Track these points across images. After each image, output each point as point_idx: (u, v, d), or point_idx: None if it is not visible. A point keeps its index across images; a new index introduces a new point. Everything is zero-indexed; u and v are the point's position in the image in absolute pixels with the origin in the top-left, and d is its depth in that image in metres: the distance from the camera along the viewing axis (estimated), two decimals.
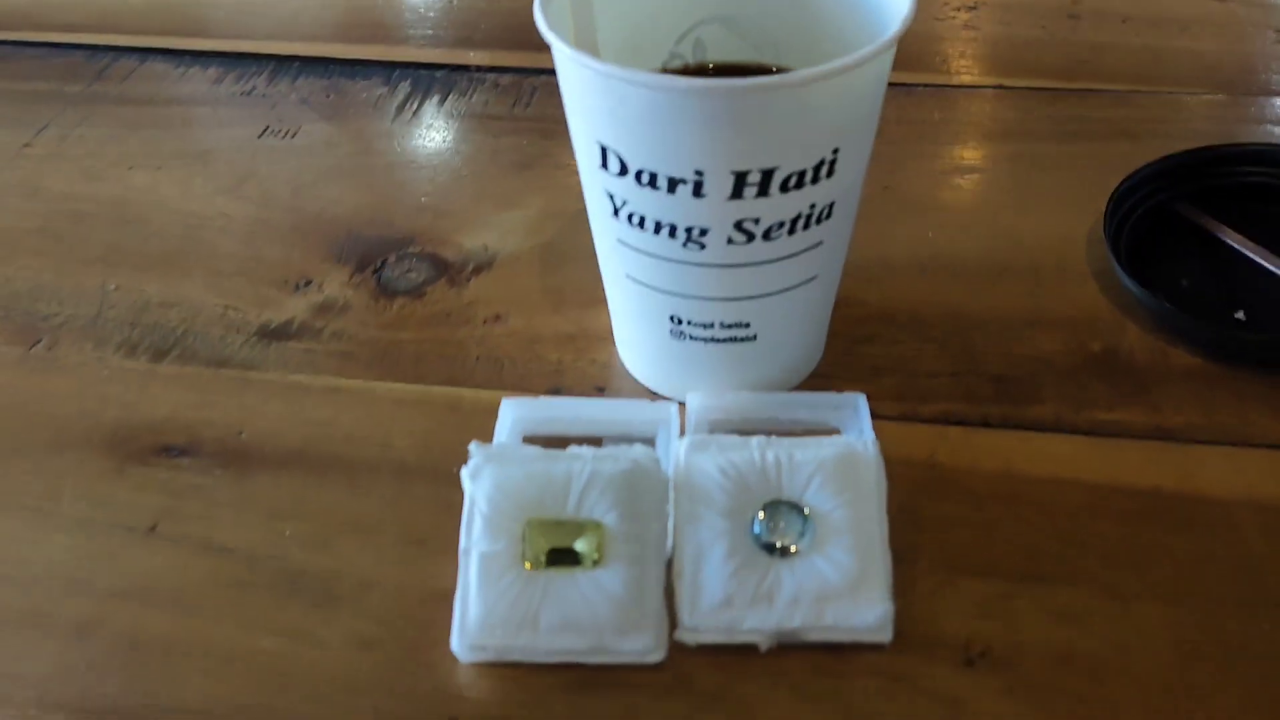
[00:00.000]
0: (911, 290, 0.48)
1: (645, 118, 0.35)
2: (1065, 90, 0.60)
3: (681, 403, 0.43)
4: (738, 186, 0.36)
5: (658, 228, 0.37)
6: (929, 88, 0.61)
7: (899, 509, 0.38)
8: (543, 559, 0.36)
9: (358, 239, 0.52)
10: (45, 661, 0.36)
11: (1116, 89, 0.60)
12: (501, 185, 0.55)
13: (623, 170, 0.37)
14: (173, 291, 0.50)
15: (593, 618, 0.35)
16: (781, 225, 0.37)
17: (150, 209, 0.54)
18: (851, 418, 0.41)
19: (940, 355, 0.45)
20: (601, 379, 0.45)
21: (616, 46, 0.41)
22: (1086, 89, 0.60)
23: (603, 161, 0.37)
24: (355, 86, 0.63)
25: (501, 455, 0.38)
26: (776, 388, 0.43)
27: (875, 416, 0.41)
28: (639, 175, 0.36)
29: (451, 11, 0.69)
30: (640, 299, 0.41)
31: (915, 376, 0.44)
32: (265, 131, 0.59)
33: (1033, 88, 0.60)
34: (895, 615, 0.36)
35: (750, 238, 0.37)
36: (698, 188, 0.36)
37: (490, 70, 0.63)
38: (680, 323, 0.41)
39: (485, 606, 0.35)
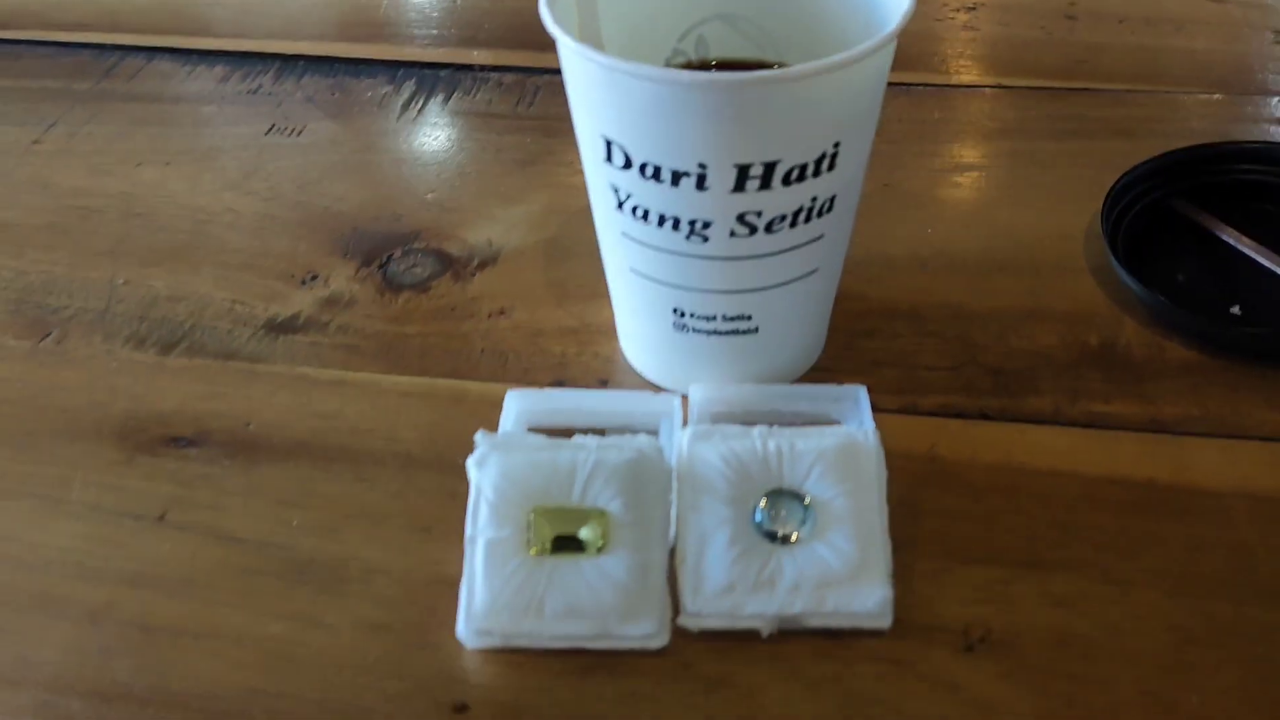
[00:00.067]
0: (911, 285, 0.49)
1: (649, 111, 0.35)
2: (1063, 90, 0.61)
3: (684, 395, 0.43)
4: (740, 179, 0.36)
5: (661, 220, 0.38)
6: (929, 87, 0.61)
7: (899, 500, 0.39)
8: (548, 546, 0.36)
9: (364, 234, 0.53)
10: (57, 646, 0.37)
11: (1114, 88, 0.60)
12: (505, 182, 0.56)
13: (627, 164, 0.37)
14: (181, 285, 0.50)
15: (597, 604, 0.36)
16: (783, 218, 0.38)
17: (158, 204, 0.55)
18: (852, 409, 0.42)
19: (940, 349, 0.46)
20: (605, 372, 0.46)
21: (620, 44, 0.42)
22: (1084, 88, 0.61)
23: (607, 155, 0.38)
24: (360, 85, 0.63)
25: (507, 444, 0.39)
26: (778, 380, 0.44)
27: (875, 409, 0.42)
28: (643, 168, 0.37)
29: (455, 11, 0.70)
30: (643, 292, 0.41)
31: (915, 370, 0.45)
32: (271, 129, 0.60)
33: (1031, 87, 0.61)
34: (895, 602, 0.36)
35: (752, 230, 0.38)
36: (701, 181, 0.36)
37: (494, 69, 0.64)
38: (683, 315, 0.41)
39: (491, 592, 0.36)
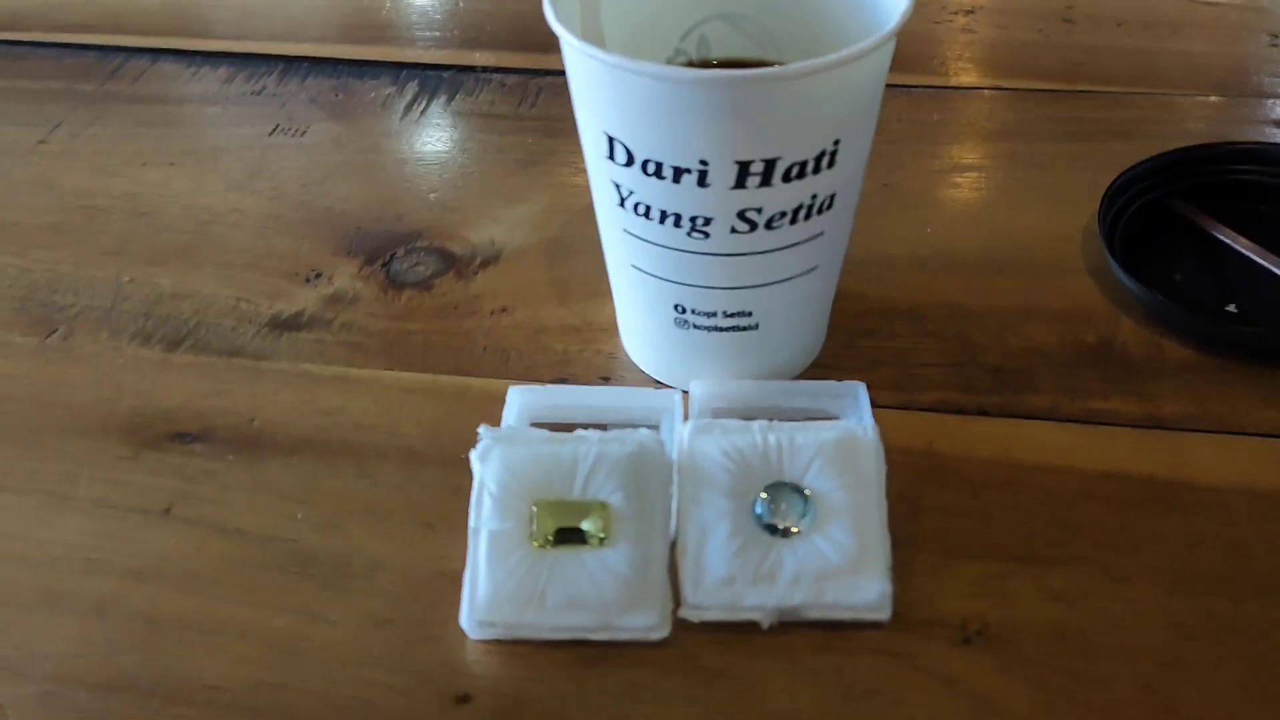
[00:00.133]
0: (911, 285, 0.49)
1: (651, 108, 0.36)
2: (1061, 92, 0.61)
3: (685, 391, 0.43)
4: (741, 176, 0.37)
5: (663, 217, 0.38)
6: (928, 89, 0.62)
7: (898, 496, 0.39)
8: (550, 538, 0.37)
9: (367, 233, 0.53)
10: (64, 638, 0.37)
11: (1111, 90, 0.61)
12: (507, 182, 0.56)
13: (629, 160, 0.37)
14: (186, 283, 0.51)
15: (599, 595, 0.36)
16: (784, 215, 0.38)
17: (163, 204, 0.55)
18: (851, 405, 0.42)
19: (939, 348, 0.46)
20: (606, 369, 0.46)
21: (622, 42, 0.42)
22: (1082, 90, 0.61)
23: (609, 152, 0.38)
24: (363, 86, 0.63)
25: (510, 437, 0.39)
26: (778, 377, 0.44)
27: (874, 406, 0.42)
28: (645, 165, 0.37)
29: (458, 13, 0.70)
30: (645, 288, 0.42)
31: (914, 368, 0.45)
32: (275, 130, 0.60)
33: (1029, 89, 0.61)
34: (894, 595, 0.36)
35: (753, 227, 0.38)
36: (702, 177, 0.37)
37: (496, 71, 0.64)
38: (684, 312, 0.41)
39: (494, 584, 0.36)
